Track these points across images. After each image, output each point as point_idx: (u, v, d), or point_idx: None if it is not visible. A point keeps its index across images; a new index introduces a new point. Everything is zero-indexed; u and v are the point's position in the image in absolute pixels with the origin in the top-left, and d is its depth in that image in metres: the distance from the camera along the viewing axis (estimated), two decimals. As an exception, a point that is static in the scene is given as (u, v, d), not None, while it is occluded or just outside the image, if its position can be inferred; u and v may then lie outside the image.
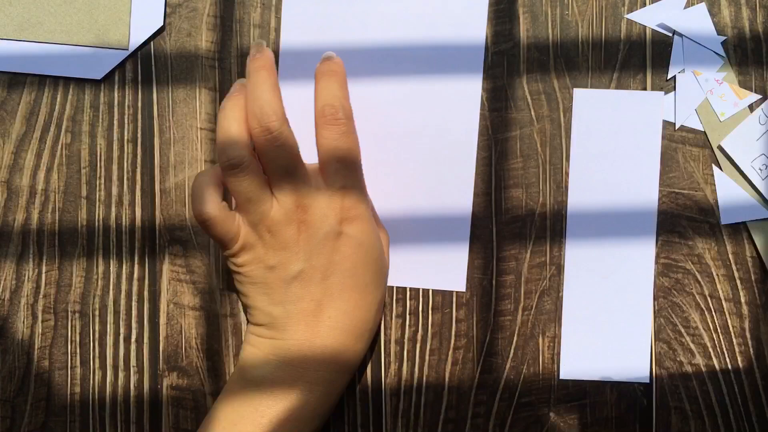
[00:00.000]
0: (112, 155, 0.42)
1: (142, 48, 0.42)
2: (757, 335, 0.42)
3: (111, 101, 0.42)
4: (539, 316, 0.42)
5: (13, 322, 0.41)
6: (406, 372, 0.42)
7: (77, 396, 0.41)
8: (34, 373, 0.41)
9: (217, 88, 0.42)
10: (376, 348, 0.42)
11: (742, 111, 0.42)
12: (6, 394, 0.41)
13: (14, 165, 0.41)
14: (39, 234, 0.41)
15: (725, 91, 0.42)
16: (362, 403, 0.42)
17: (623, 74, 0.42)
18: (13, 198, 0.41)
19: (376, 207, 0.41)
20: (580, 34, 0.42)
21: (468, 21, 0.42)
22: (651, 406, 0.42)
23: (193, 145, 0.42)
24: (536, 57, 0.42)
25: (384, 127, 0.42)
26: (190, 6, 0.42)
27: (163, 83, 0.42)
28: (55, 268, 0.41)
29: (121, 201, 0.41)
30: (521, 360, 0.42)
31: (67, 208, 0.41)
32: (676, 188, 0.42)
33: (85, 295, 0.41)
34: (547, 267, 0.42)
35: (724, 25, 0.42)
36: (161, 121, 0.42)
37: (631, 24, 0.42)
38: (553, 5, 0.42)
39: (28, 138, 0.41)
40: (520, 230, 0.42)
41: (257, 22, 0.42)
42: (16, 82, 0.41)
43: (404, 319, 0.42)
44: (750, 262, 0.42)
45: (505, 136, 0.42)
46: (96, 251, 0.41)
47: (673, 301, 0.42)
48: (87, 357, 0.41)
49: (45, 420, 0.41)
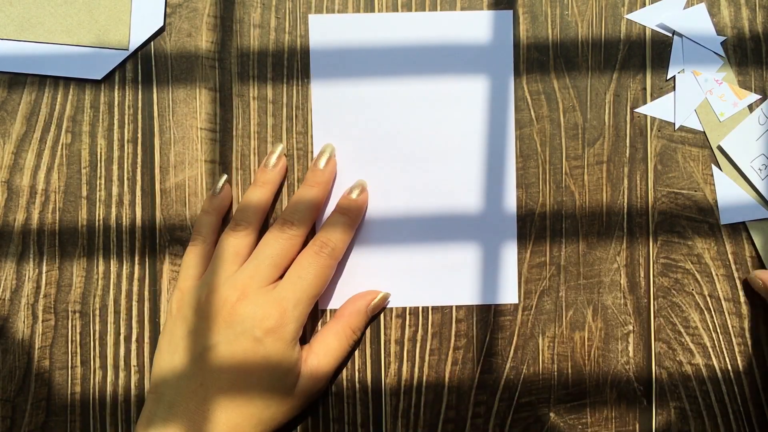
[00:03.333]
0: (113, 155, 0.42)
1: (142, 48, 0.42)
2: (757, 335, 0.42)
3: (111, 101, 0.42)
4: (539, 316, 0.42)
5: (14, 322, 0.41)
6: (406, 372, 0.42)
7: (77, 396, 0.41)
8: (34, 372, 0.41)
9: (217, 88, 0.42)
10: (376, 348, 0.42)
11: (741, 111, 0.42)
12: (6, 394, 0.41)
13: (14, 165, 0.41)
14: (39, 234, 0.41)
15: (725, 91, 0.42)
16: (362, 403, 0.42)
17: (623, 74, 0.42)
18: (14, 198, 0.41)
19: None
20: (580, 34, 0.42)
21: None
22: (651, 406, 0.42)
23: (193, 145, 0.42)
24: (536, 57, 0.42)
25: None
26: (190, 6, 0.42)
27: (163, 83, 0.42)
28: (55, 268, 0.41)
29: (122, 201, 0.41)
30: (521, 360, 0.42)
31: (67, 208, 0.41)
32: (676, 188, 0.42)
33: (86, 294, 0.41)
34: (547, 267, 0.42)
35: (723, 25, 0.42)
36: (161, 121, 0.42)
37: (631, 24, 0.42)
38: (553, 5, 0.42)
39: (29, 138, 0.41)
40: (520, 230, 0.42)
41: (257, 22, 0.42)
42: (16, 82, 0.41)
43: (404, 319, 0.42)
44: (749, 262, 0.42)
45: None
46: (96, 251, 0.41)
47: (672, 301, 0.42)
48: (87, 357, 0.41)
49: (45, 420, 0.41)
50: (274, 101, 0.42)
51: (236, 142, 0.42)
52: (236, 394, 0.36)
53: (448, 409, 0.42)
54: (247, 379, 0.36)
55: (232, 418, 0.36)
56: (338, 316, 0.41)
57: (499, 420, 0.42)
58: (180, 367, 0.37)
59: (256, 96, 0.42)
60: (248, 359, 0.36)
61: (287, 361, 0.37)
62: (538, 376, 0.42)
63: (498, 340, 0.42)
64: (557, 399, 0.42)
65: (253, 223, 0.40)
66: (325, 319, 0.42)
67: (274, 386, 0.37)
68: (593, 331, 0.42)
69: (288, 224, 0.39)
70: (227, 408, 0.36)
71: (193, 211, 0.41)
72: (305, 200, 0.40)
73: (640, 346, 0.42)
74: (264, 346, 0.36)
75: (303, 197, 0.40)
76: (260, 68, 0.42)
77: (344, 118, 0.41)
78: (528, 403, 0.42)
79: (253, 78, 0.42)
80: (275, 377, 0.37)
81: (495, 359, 0.42)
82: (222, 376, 0.36)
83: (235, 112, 0.42)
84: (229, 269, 0.38)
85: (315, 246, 0.39)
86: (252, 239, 0.39)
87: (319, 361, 0.39)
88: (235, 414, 0.36)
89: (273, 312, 0.37)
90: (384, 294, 0.41)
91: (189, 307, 0.38)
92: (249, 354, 0.36)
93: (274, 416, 0.37)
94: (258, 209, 0.40)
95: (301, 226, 0.39)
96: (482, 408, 0.42)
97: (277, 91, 0.42)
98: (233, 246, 0.39)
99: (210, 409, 0.36)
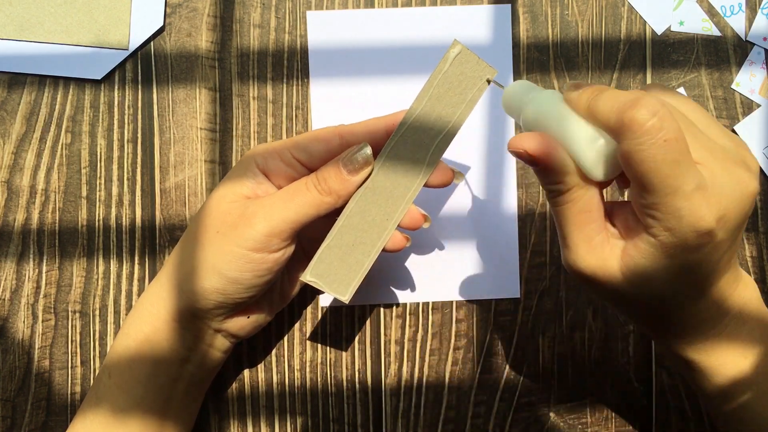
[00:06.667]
0: (112, 155, 0.42)
1: (142, 48, 0.42)
2: (757, 335, 0.42)
3: (111, 101, 0.42)
4: (539, 316, 0.42)
5: (14, 321, 0.41)
6: (406, 372, 0.42)
7: (77, 396, 0.41)
8: (34, 372, 0.41)
9: (217, 88, 0.42)
10: (376, 348, 0.42)
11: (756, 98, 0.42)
12: (6, 394, 0.41)
13: (14, 165, 0.41)
14: (39, 234, 0.41)
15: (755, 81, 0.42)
16: (362, 403, 0.42)
17: (623, 74, 0.42)
18: (14, 198, 0.41)
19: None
20: (580, 34, 0.42)
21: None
22: (651, 406, 0.42)
23: (193, 145, 0.42)
24: (536, 57, 0.42)
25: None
26: (190, 6, 0.42)
27: (163, 83, 0.42)
28: (55, 268, 0.41)
29: (121, 201, 0.41)
30: (521, 360, 0.42)
31: (67, 208, 0.41)
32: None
33: (86, 294, 0.41)
34: (547, 267, 0.42)
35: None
36: (161, 121, 0.42)
37: (631, 24, 0.42)
38: (553, 5, 0.42)
39: (29, 138, 0.41)
40: (521, 230, 0.42)
41: (257, 22, 0.42)
42: (16, 82, 0.41)
43: (404, 319, 0.42)
44: (750, 262, 0.42)
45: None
46: (96, 251, 0.41)
47: (672, 301, 0.42)
48: (87, 357, 0.41)
49: (45, 419, 0.41)
50: (274, 101, 0.42)
51: (236, 142, 0.42)
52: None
53: (448, 409, 0.42)
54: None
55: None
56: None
57: (499, 420, 0.42)
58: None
59: (256, 96, 0.42)
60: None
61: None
62: (538, 376, 0.42)
63: (498, 340, 0.42)
64: (557, 399, 0.42)
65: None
66: (325, 318, 0.42)
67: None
68: (593, 331, 0.42)
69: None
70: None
71: (192, 211, 0.41)
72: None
73: (640, 346, 0.42)
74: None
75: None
76: (260, 68, 0.42)
77: (344, 116, 0.41)
78: (528, 403, 0.42)
79: (253, 78, 0.42)
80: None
81: (495, 359, 0.42)
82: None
83: (235, 112, 0.42)
84: None
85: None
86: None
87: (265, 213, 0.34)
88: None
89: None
90: (364, 144, 0.34)
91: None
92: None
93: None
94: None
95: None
96: (482, 408, 0.42)
97: (277, 91, 0.42)
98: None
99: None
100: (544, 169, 0.29)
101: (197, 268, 0.34)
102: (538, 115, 0.30)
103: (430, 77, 0.33)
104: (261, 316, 0.37)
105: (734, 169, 0.28)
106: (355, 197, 0.34)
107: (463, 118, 0.34)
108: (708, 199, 0.26)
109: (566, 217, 0.29)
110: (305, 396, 0.42)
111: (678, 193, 0.26)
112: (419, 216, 0.36)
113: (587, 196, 0.29)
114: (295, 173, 0.35)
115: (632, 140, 0.26)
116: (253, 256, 0.33)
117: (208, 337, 0.36)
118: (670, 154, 0.26)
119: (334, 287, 0.35)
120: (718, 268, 0.28)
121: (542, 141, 0.29)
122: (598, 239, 0.29)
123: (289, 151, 0.35)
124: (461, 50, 0.33)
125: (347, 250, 0.34)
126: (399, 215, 0.35)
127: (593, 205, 0.29)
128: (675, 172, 0.26)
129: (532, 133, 0.29)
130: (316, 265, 0.34)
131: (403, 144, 0.34)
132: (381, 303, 0.42)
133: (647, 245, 0.27)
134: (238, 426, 0.42)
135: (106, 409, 0.35)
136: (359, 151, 0.34)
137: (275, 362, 0.42)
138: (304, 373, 0.42)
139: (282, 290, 0.38)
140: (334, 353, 0.42)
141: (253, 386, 0.42)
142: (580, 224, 0.29)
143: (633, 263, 0.28)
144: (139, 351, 0.35)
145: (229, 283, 0.34)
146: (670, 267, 0.27)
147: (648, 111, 0.26)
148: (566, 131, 0.28)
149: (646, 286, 0.28)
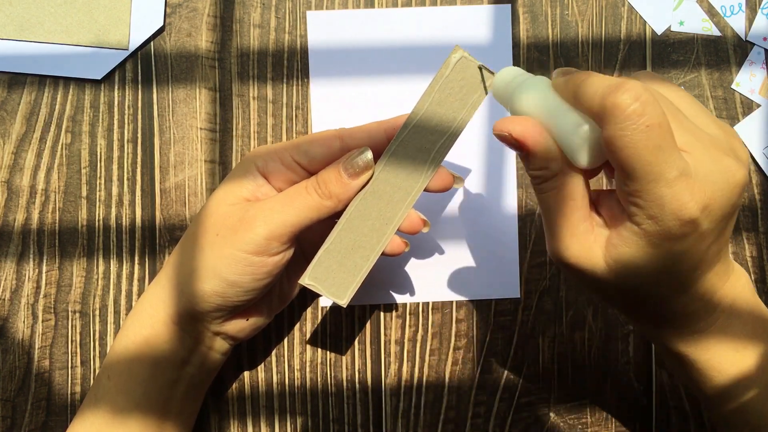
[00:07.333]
0: (112, 155, 0.42)
1: (142, 48, 0.42)
2: (757, 335, 0.42)
3: (111, 101, 0.42)
4: (539, 316, 0.42)
5: (14, 321, 0.41)
6: (406, 372, 0.42)
7: (77, 396, 0.41)
8: (34, 372, 0.41)
9: (217, 88, 0.42)
10: (376, 348, 0.42)
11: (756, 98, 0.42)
12: (6, 394, 0.41)
13: (14, 165, 0.41)
14: (39, 234, 0.41)
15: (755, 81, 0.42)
16: (362, 403, 0.42)
17: (623, 74, 0.42)
18: (14, 198, 0.41)
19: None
20: (580, 34, 0.42)
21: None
22: (651, 405, 0.42)
23: (193, 145, 0.42)
24: (536, 57, 0.42)
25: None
26: (190, 6, 0.42)
27: (163, 83, 0.42)
28: (55, 268, 0.41)
29: (121, 201, 0.41)
30: (521, 360, 0.42)
31: (67, 208, 0.41)
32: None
33: (86, 295, 0.41)
34: (547, 267, 0.42)
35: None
36: (161, 121, 0.42)
37: (631, 24, 0.42)
38: (553, 5, 0.42)
39: (29, 138, 0.41)
40: (521, 230, 0.42)
41: (257, 22, 0.42)
42: (16, 82, 0.41)
43: (404, 319, 0.42)
44: (750, 262, 0.42)
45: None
46: (96, 251, 0.41)
47: (672, 301, 0.42)
48: (87, 357, 0.41)
49: (45, 419, 0.41)
50: (274, 101, 0.42)
51: (236, 142, 0.42)
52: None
53: (448, 409, 0.42)
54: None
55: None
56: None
57: (499, 420, 0.42)
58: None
59: (256, 96, 0.42)
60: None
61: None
62: (538, 376, 0.42)
63: (498, 340, 0.42)
64: (557, 399, 0.42)
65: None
66: (325, 318, 0.42)
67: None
68: (593, 331, 0.42)
69: None
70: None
71: (192, 211, 0.41)
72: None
73: (640, 346, 0.42)
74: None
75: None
76: (260, 68, 0.42)
77: (344, 116, 0.41)
78: (528, 403, 0.42)
79: (253, 78, 0.42)
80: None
81: (495, 359, 0.42)
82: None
83: (235, 112, 0.42)
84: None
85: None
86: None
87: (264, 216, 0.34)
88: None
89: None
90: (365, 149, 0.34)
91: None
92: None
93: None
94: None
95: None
96: (482, 408, 0.42)
97: (277, 91, 0.42)
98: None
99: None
100: (527, 153, 0.29)
101: (197, 270, 0.34)
102: (527, 101, 0.30)
103: (432, 82, 0.33)
104: (260, 318, 0.37)
105: (721, 158, 0.27)
106: (354, 201, 0.34)
107: (464, 123, 0.34)
108: (692, 187, 0.26)
109: (550, 204, 0.29)
110: (305, 396, 0.42)
111: (660, 180, 0.25)
112: (419, 220, 0.35)
113: (572, 183, 0.29)
114: (294, 176, 0.35)
115: (614, 125, 0.25)
116: (252, 260, 0.33)
117: (207, 339, 0.36)
118: (653, 140, 0.25)
119: (333, 291, 0.35)
120: (705, 259, 0.28)
121: (527, 125, 0.28)
122: (582, 228, 0.29)
123: (289, 154, 0.35)
124: (462, 56, 0.33)
125: (346, 253, 0.34)
126: (399, 220, 0.35)
127: (578, 193, 0.29)
128: (657, 159, 0.25)
129: (517, 116, 0.29)
130: (315, 269, 0.34)
131: (404, 148, 0.34)
132: (381, 303, 0.42)
133: (630, 234, 0.27)
134: (238, 426, 0.42)
135: (105, 411, 0.35)
136: (360, 155, 0.34)
137: (275, 362, 0.42)
138: (304, 373, 0.42)
139: (281, 293, 0.38)
140: (334, 353, 0.42)
141: (253, 386, 0.42)
142: (564, 212, 0.29)
143: (616, 252, 0.28)
144: (139, 352, 0.35)
145: (229, 286, 0.34)
146: (654, 256, 0.27)
147: (630, 96, 0.25)
148: (552, 117, 0.28)
149: (630, 276, 0.28)
